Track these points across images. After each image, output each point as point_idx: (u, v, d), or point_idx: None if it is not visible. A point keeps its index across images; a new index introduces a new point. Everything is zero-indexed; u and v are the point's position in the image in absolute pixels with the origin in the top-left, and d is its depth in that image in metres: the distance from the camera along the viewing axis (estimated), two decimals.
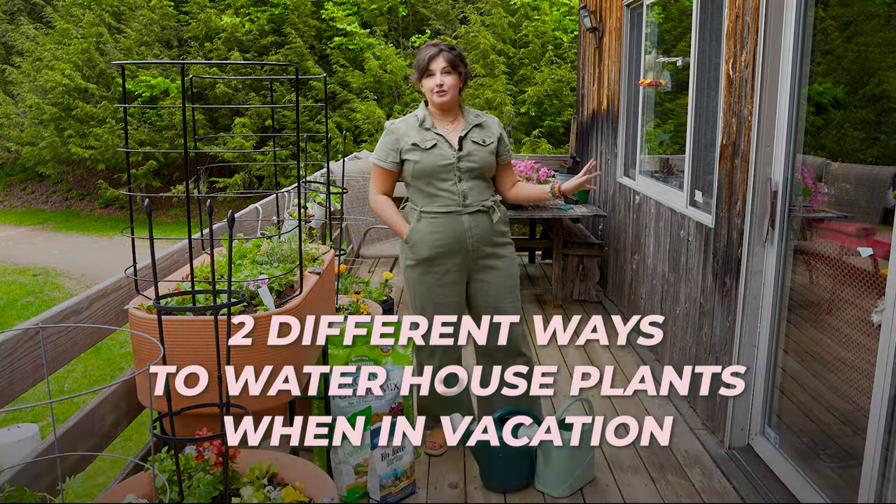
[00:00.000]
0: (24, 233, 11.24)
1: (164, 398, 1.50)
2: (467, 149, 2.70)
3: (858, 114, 2.29)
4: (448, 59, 2.65)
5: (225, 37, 11.44)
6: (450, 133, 2.73)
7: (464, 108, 2.80)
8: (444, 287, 2.77)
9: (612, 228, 5.16)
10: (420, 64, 2.69)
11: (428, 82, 2.68)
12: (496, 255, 2.79)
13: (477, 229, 2.72)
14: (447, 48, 2.69)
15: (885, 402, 1.96)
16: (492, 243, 2.77)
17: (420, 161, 2.69)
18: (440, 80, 2.65)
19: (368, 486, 2.55)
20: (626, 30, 4.85)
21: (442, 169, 2.68)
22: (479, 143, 2.71)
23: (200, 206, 2.35)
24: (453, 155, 2.68)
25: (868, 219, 2.21)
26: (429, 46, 2.70)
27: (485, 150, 2.71)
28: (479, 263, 2.79)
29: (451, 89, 2.67)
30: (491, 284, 2.80)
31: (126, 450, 3.89)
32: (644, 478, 2.80)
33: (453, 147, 2.70)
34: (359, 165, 5.53)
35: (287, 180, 9.49)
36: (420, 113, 2.77)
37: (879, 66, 2.17)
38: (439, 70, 2.65)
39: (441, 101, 2.68)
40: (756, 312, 2.81)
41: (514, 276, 2.85)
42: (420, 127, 2.74)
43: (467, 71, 2.74)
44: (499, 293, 2.80)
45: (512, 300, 2.82)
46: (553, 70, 10.44)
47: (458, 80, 2.69)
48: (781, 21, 2.58)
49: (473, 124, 2.74)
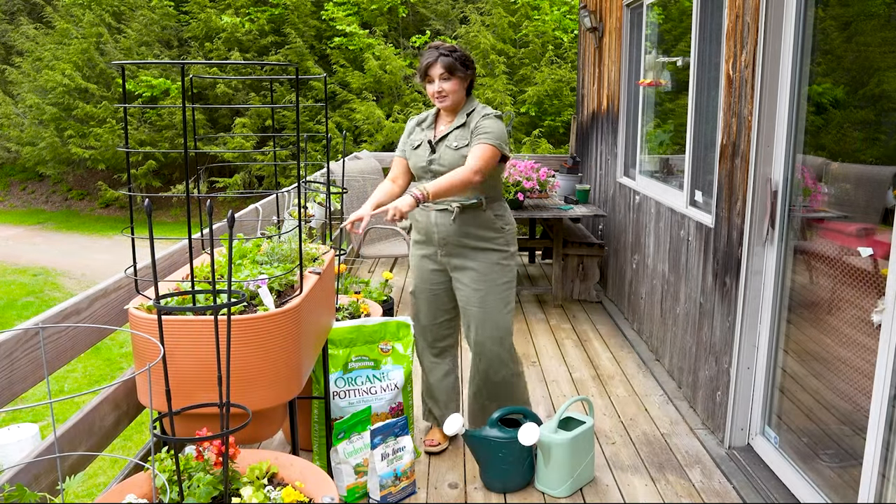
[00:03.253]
0: (24, 233, 11.24)
1: (164, 398, 1.50)
2: (439, 152, 2.73)
3: (858, 114, 2.29)
4: (445, 65, 2.64)
5: (225, 37, 11.44)
6: (440, 134, 2.76)
7: (468, 105, 2.76)
8: (424, 272, 2.90)
9: (612, 228, 5.16)
10: (420, 70, 2.72)
11: (428, 88, 2.72)
12: (467, 257, 2.77)
13: (442, 227, 2.75)
14: (446, 52, 2.67)
15: (885, 402, 1.96)
16: (461, 244, 2.76)
17: (409, 159, 2.84)
18: (439, 86, 2.67)
19: (368, 486, 2.55)
20: (626, 30, 4.85)
21: (420, 170, 2.79)
22: (452, 147, 2.70)
23: (200, 206, 2.35)
24: (426, 157, 2.75)
25: (868, 219, 2.21)
26: (429, 50, 2.71)
27: (455, 154, 2.68)
28: (453, 262, 2.81)
29: (452, 94, 2.68)
30: (464, 285, 2.80)
31: (126, 450, 3.89)
32: (644, 478, 2.80)
33: (432, 148, 2.75)
34: (359, 165, 5.53)
35: (287, 180, 9.49)
36: (431, 111, 2.85)
37: (879, 66, 2.16)
38: (437, 76, 2.67)
39: (442, 107, 2.73)
40: (756, 312, 2.81)
41: (490, 281, 2.75)
42: (419, 126, 2.85)
43: (469, 72, 2.72)
44: (469, 297, 2.79)
45: (481, 305, 2.76)
46: (553, 70, 10.44)
47: (459, 83, 2.69)
48: (781, 21, 2.58)
49: (456, 125, 2.72)
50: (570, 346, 4.29)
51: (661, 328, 3.92)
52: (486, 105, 2.78)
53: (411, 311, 3.02)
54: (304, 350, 1.96)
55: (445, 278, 2.88)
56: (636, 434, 3.17)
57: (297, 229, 2.08)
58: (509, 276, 2.81)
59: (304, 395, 2.70)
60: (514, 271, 2.85)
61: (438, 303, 2.92)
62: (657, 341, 4.01)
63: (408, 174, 2.88)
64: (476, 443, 2.65)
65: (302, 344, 1.92)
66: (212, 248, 1.40)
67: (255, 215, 3.65)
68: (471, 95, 2.79)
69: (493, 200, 2.77)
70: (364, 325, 2.79)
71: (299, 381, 1.93)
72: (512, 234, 2.84)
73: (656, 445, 3.07)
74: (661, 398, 3.54)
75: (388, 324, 2.84)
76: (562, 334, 4.51)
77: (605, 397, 3.56)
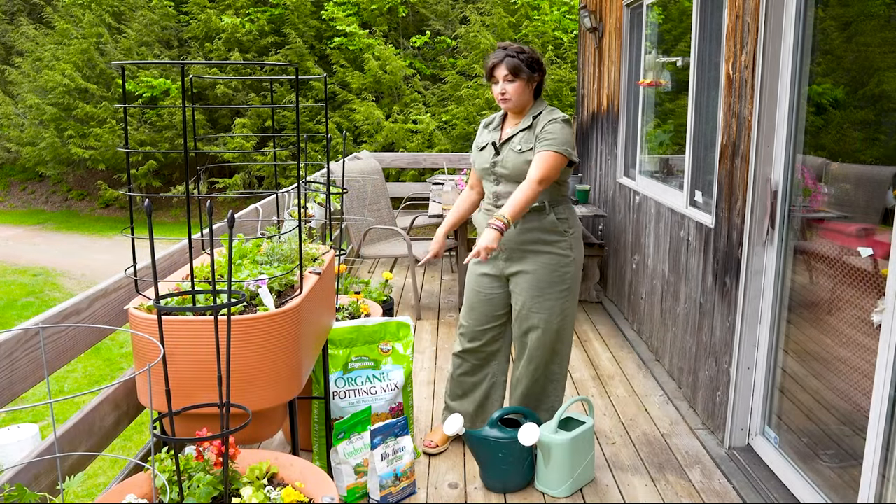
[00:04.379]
0: (24, 233, 11.25)
1: (164, 398, 1.50)
2: (503, 154, 2.70)
3: (858, 114, 2.29)
4: (510, 67, 2.62)
5: (225, 37, 11.44)
6: (506, 136, 2.74)
7: (536, 107, 2.71)
8: (477, 277, 2.87)
9: (612, 228, 5.16)
10: (486, 69, 2.71)
11: (493, 89, 2.69)
12: (527, 261, 2.71)
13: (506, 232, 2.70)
14: (514, 53, 2.64)
15: (885, 402, 1.96)
16: (523, 248, 2.71)
17: (474, 162, 2.83)
18: (503, 87, 2.65)
19: (368, 486, 2.55)
20: (626, 30, 4.85)
21: (484, 171, 2.77)
22: (516, 150, 2.66)
23: (200, 206, 2.35)
24: (490, 159, 2.73)
25: (868, 219, 2.21)
26: (497, 51, 2.69)
27: (519, 158, 2.64)
28: (513, 267, 2.75)
29: (515, 96, 2.65)
30: (521, 289, 2.75)
31: (126, 450, 3.89)
32: (644, 478, 2.80)
33: (496, 149, 2.73)
34: (359, 165, 5.53)
35: (287, 180, 9.49)
36: (499, 113, 2.83)
37: (879, 66, 2.16)
38: (502, 77, 2.65)
39: (506, 108, 2.71)
40: (756, 312, 2.81)
41: (546, 285, 2.70)
42: (487, 127, 2.84)
43: (536, 74, 2.67)
44: (525, 301, 2.74)
45: (539, 310, 2.72)
46: (553, 70, 10.44)
47: (525, 84, 2.65)
48: (781, 21, 2.58)
49: (522, 127, 2.68)
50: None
51: (661, 328, 3.92)
52: (554, 108, 2.71)
53: (461, 311, 2.95)
54: (304, 350, 1.96)
55: (495, 285, 2.82)
56: (636, 434, 3.17)
57: (297, 229, 2.08)
58: (567, 284, 2.72)
59: (304, 395, 2.70)
60: (575, 279, 2.74)
61: (491, 308, 2.85)
62: (657, 341, 4.01)
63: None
64: (476, 443, 2.65)
65: (302, 344, 1.92)
66: (212, 248, 1.40)
67: (255, 215, 3.65)
68: (539, 97, 2.74)
69: (556, 203, 2.71)
70: (364, 325, 2.79)
71: (299, 382, 1.93)
72: (576, 237, 2.74)
73: (656, 446, 3.07)
74: (661, 398, 3.54)
75: (388, 324, 2.84)
76: None
77: (605, 397, 3.56)
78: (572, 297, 2.77)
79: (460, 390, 2.98)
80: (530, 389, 2.88)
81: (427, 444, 2.97)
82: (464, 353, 2.93)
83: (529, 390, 2.88)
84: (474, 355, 2.92)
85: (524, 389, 2.89)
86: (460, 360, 2.95)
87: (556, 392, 2.91)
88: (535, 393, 2.89)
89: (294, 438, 2.09)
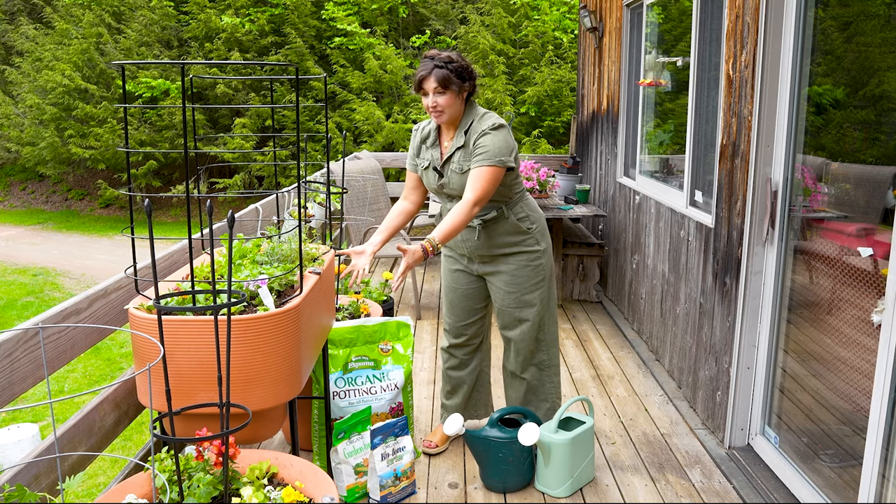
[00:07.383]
0: (24, 233, 11.25)
1: (164, 398, 1.50)
2: (447, 176, 2.67)
3: (858, 114, 2.29)
4: (439, 78, 2.51)
5: (225, 37, 11.45)
6: (445, 153, 2.69)
7: (467, 117, 2.63)
8: (452, 274, 2.91)
9: (612, 228, 5.16)
10: (414, 82, 2.61)
11: (424, 101, 2.60)
12: (499, 262, 2.77)
13: (469, 242, 2.75)
14: (442, 63, 2.53)
15: (885, 402, 1.96)
16: (491, 253, 2.75)
17: (422, 178, 2.81)
18: (433, 100, 2.55)
19: (368, 486, 2.55)
20: (626, 30, 4.85)
21: (434, 191, 2.79)
22: (457, 171, 2.62)
23: (200, 206, 2.35)
24: (436, 182, 2.72)
25: (868, 219, 2.21)
26: (423, 61, 2.58)
27: (462, 178, 2.61)
28: (485, 269, 2.82)
29: (447, 108, 2.56)
30: (497, 288, 2.81)
31: (126, 450, 3.90)
32: (644, 478, 2.80)
33: (439, 172, 2.70)
34: (359, 165, 5.53)
35: (287, 180, 9.50)
36: (433, 125, 2.73)
37: (879, 67, 2.16)
38: (431, 90, 2.54)
39: (438, 122, 2.63)
40: (756, 312, 2.81)
41: (522, 282, 2.74)
42: (424, 142, 2.76)
43: (467, 83, 2.58)
44: (504, 299, 2.80)
45: (519, 304, 2.78)
46: (553, 70, 10.44)
47: (455, 96, 2.56)
48: (781, 21, 2.58)
49: (457, 146, 2.61)
50: (569, 347, 4.29)
51: (661, 328, 3.92)
52: (486, 112, 2.63)
53: (444, 309, 3.00)
54: (304, 350, 1.96)
55: (475, 278, 2.88)
56: (636, 434, 3.17)
57: (297, 229, 2.08)
58: (541, 276, 2.77)
59: (304, 395, 2.70)
60: (547, 269, 2.79)
61: (470, 302, 2.91)
62: (657, 341, 4.01)
63: (421, 187, 2.85)
64: (476, 443, 2.65)
65: (302, 344, 1.92)
66: (212, 248, 1.40)
67: (255, 215, 3.65)
68: (470, 103, 2.64)
69: (513, 205, 2.70)
70: (364, 325, 2.79)
71: (299, 382, 1.93)
72: (540, 230, 2.76)
73: (656, 445, 3.07)
74: (661, 398, 3.54)
75: (388, 324, 2.85)
76: (562, 334, 4.51)
77: (605, 397, 3.56)
78: (549, 286, 2.82)
79: (450, 386, 3.04)
80: (525, 382, 2.91)
81: (427, 445, 2.98)
82: (451, 348, 3.01)
83: (524, 383, 2.92)
84: (461, 350, 2.99)
85: (519, 383, 2.92)
86: (448, 355, 3.03)
87: (552, 379, 2.93)
88: (532, 385, 2.92)
89: (294, 438, 2.09)
